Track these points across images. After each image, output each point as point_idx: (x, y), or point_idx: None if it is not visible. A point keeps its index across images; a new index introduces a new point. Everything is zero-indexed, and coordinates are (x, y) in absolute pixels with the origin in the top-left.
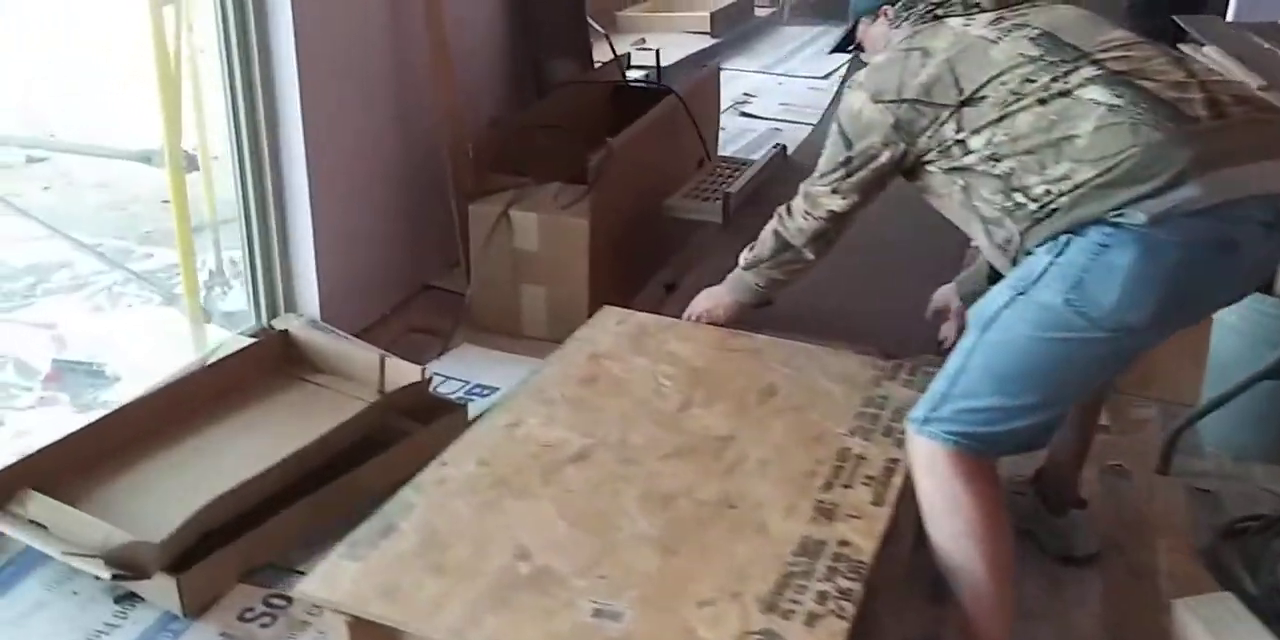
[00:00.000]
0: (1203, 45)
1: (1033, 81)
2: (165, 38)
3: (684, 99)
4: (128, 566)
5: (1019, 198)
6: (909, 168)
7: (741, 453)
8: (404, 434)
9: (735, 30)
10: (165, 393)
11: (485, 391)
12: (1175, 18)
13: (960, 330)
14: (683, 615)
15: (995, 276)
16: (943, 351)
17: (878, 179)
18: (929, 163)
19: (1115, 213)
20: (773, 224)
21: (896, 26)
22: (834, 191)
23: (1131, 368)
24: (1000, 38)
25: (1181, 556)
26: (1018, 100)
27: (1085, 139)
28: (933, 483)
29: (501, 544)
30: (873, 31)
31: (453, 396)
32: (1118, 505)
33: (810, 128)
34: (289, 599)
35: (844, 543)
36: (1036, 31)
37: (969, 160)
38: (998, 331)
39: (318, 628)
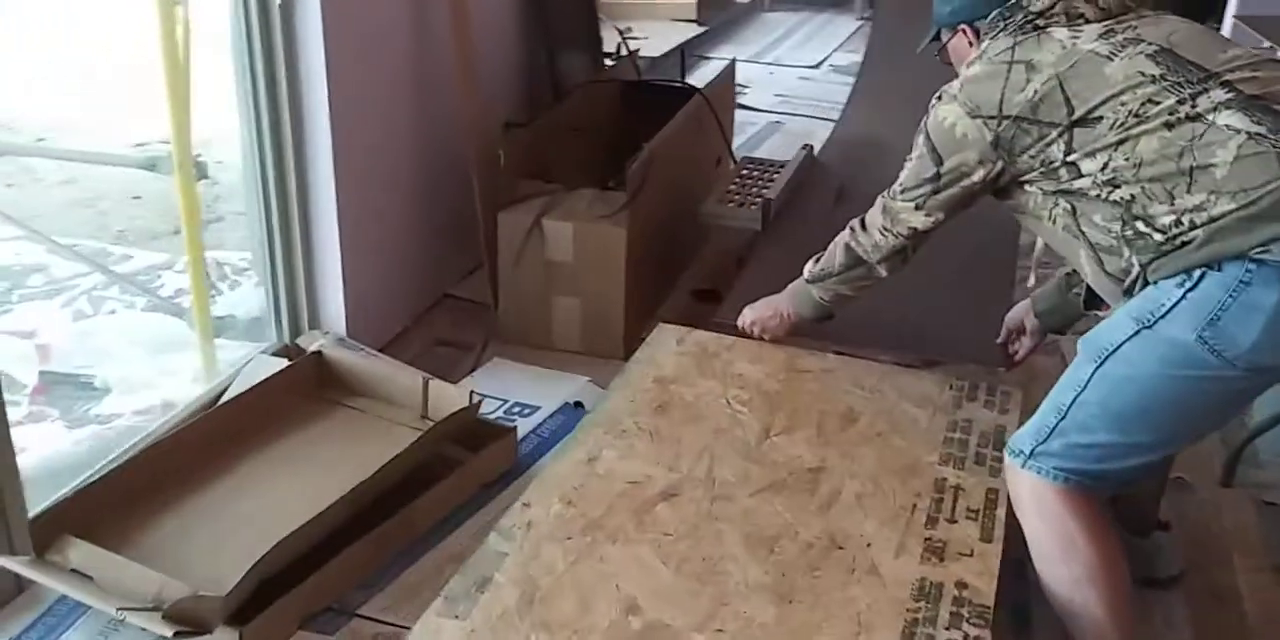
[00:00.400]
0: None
1: (1157, 103)
2: (175, 39)
3: (709, 98)
4: (189, 621)
5: (1141, 227)
6: (1002, 187)
7: (835, 486)
8: (452, 461)
9: (720, 17)
10: (200, 424)
11: (526, 411)
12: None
13: (1034, 347)
14: None
15: (1090, 302)
16: (1011, 366)
17: (967, 197)
18: (1028, 182)
19: (1260, 248)
20: (845, 238)
21: (992, 36)
22: (918, 208)
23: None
24: (1114, 53)
25: (1262, 576)
26: (1139, 123)
27: (1224, 169)
28: (1043, 524)
29: (607, 596)
30: (956, 44)
31: (492, 417)
32: (1185, 521)
33: (812, 119)
34: None
35: (961, 585)
36: (1154, 48)
37: (1081, 184)
38: (1118, 365)
39: None
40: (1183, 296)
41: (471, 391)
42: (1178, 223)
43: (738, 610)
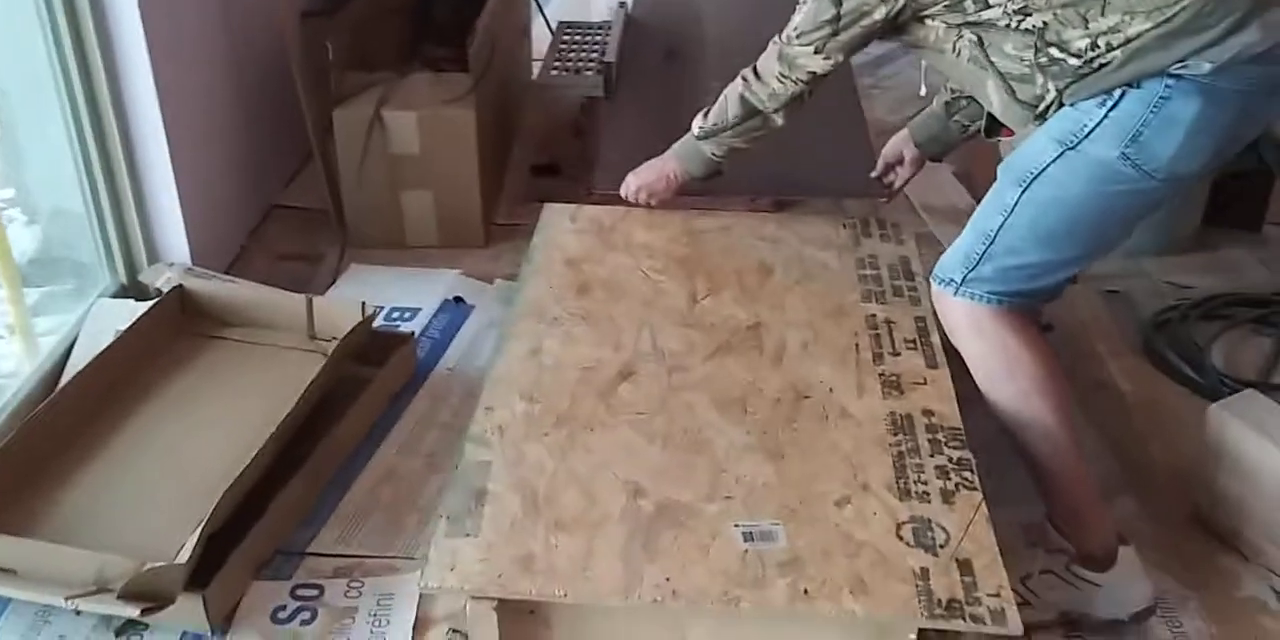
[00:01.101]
0: None
1: None
2: None
3: None
4: (148, 596)
5: (1055, 53)
6: (901, 23)
7: (779, 338)
8: (351, 378)
9: None
10: (75, 385)
11: (407, 314)
12: None
13: (911, 177)
14: (829, 520)
15: (991, 130)
16: (890, 197)
17: (867, 36)
18: (930, 16)
19: (1179, 64)
20: (737, 88)
21: None
22: (816, 52)
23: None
24: None
25: (1126, 359)
26: None
27: None
28: (984, 345)
29: (607, 484)
30: None
31: (375, 326)
32: (1045, 317)
33: None
34: (319, 586)
35: (928, 412)
36: None
37: (989, 15)
38: (1044, 187)
39: (367, 610)
40: (1105, 115)
41: (364, 303)
42: (1094, 46)
43: (737, 475)
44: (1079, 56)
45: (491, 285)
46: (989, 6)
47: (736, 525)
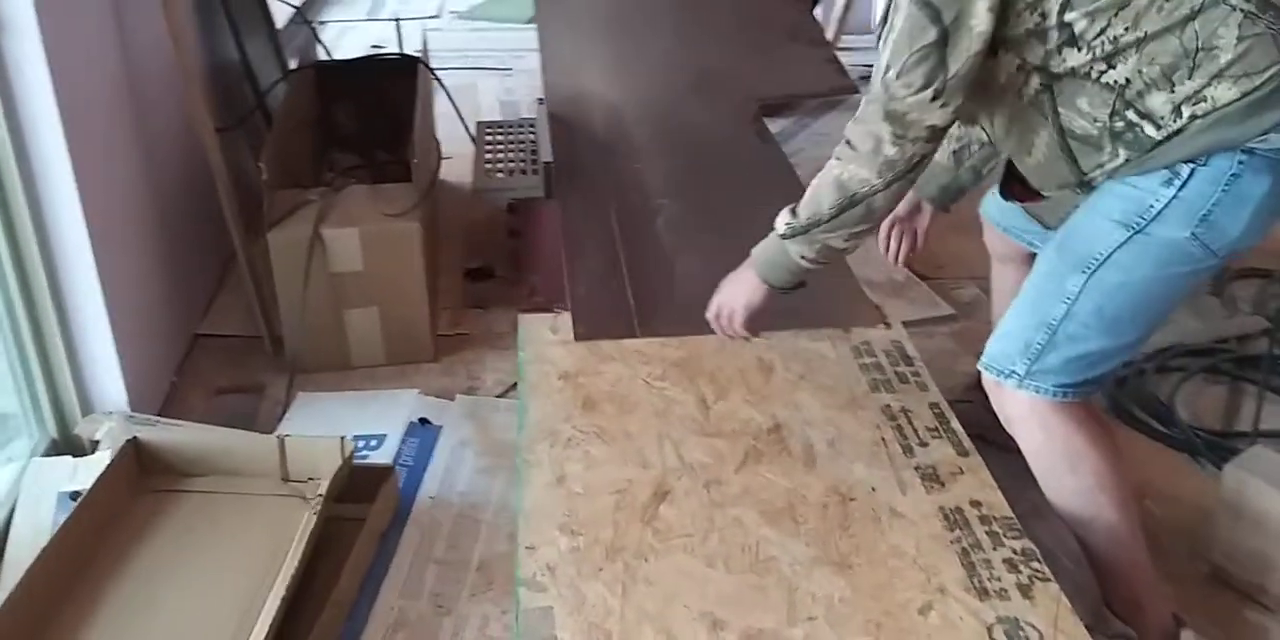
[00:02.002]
0: None
1: None
2: None
3: (429, 68)
4: None
5: (1133, 116)
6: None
7: (803, 439)
8: (340, 518)
9: None
10: (45, 567)
11: (373, 442)
12: None
13: (917, 236)
14: (919, 631)
15: (1006, 190)
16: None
17: (977, 58)
18: (1006, 47)
19: (1259, 138)
20: (831, 172)
21: None
22: (933, 97)
23: None
24: None
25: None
26: None
27: (1229, 52)
28: (1046, 438)
29: (683, 619)
30: None
31: None
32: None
33: (476, 71)
34: None
35: (975, 503)
36: None
37: (1073, 61)
38: (1111, 272)
39: None
40: (1174, 196)
41: (343, 439)
42: (1176, 112)
43: (810, 592)
44: (1158, 125)
45: (453, 402)
46: (1076, 47)
47: None
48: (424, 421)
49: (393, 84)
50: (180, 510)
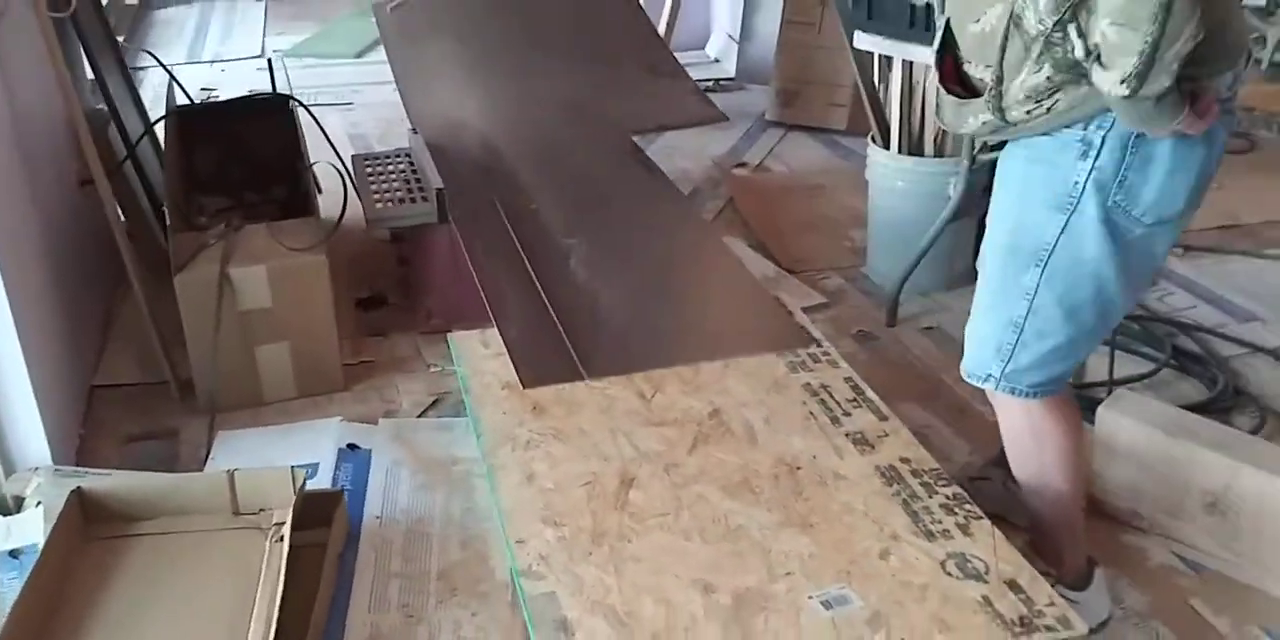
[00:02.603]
0: None
1: None
2: None
3: (303, 104)
4: None
5: (1071, 32)
6: None
7: (742, 420)
8: (296, 546)
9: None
10: (13, 629)
11: (309, 470)
12: None
13: None
14: (885, 573)
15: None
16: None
17: None
18: None
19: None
20: (1133, 11)
21: None
22: None
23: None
24: None
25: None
26: None
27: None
28: (1025, 421)
29: (678, 587)
30: None
31: None
32: (887, 363)
33: (322, 107)
34: None
35: (904, 460)
36: None
37: None
38: (1061, 259)
39: None
40: (1092, 167)
41: (292, 468)
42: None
43: (783, 551)
44: (1088, 50)
45: (377, 426)
46: None
47: (811, 597)
48: (353, 447)
49: (251, 125)
50: (135, 555)
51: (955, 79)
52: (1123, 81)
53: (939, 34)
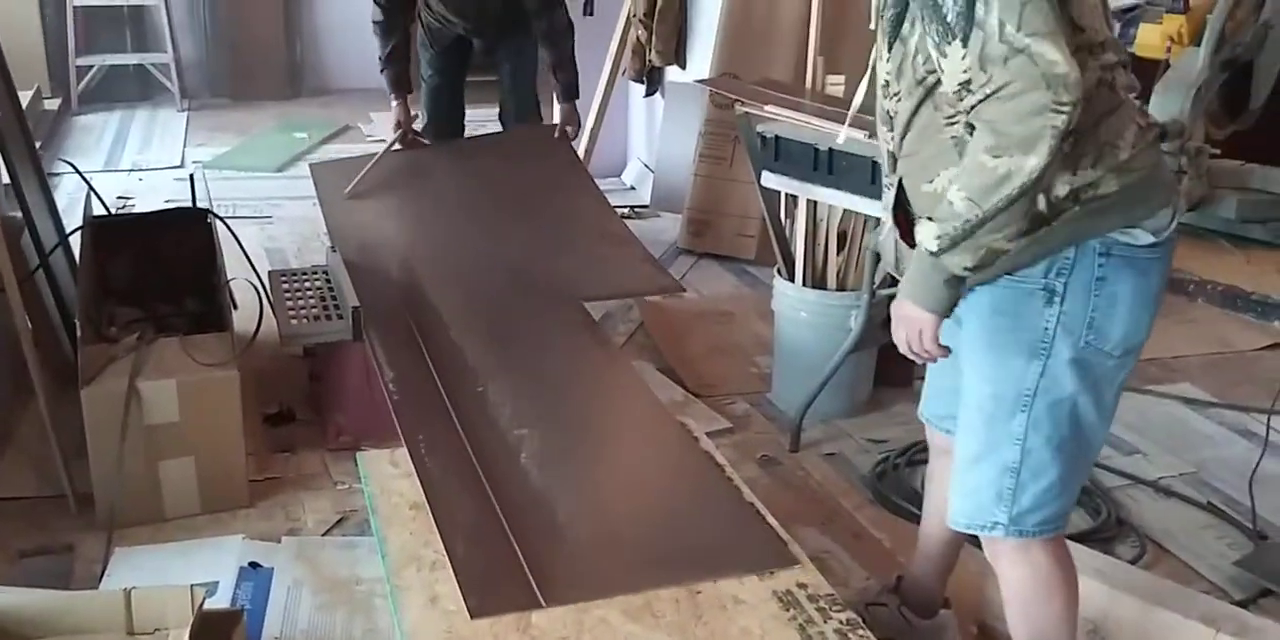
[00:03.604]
0: None
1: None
2: None
3: (223, 218)
4: None
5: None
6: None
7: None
8: None
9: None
10: None
11: (208, 589)
12: None
13: None
14: None
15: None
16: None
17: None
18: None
19: (1122, 230)
20: (982, 161)
21: None
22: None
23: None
24: None
25: (870, 510)
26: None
27: (1127, 151)
28: (1032, 575)
29: None
30: None
31: None
32: (791, 488)
33: (243, 220)
34: None
35: (801, 585)
36: None
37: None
38: (1046, 401)
39: None
40: (1060, 312)
41: (192, 586)
42: (1072, 196)
43: None
44: (1050, 203)
45: (280, 544)
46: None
47: None
48: (254, 565)
49: (167, 236)
50: None
51: (909, 233)
52: (938, 238)
53: (891, 192)
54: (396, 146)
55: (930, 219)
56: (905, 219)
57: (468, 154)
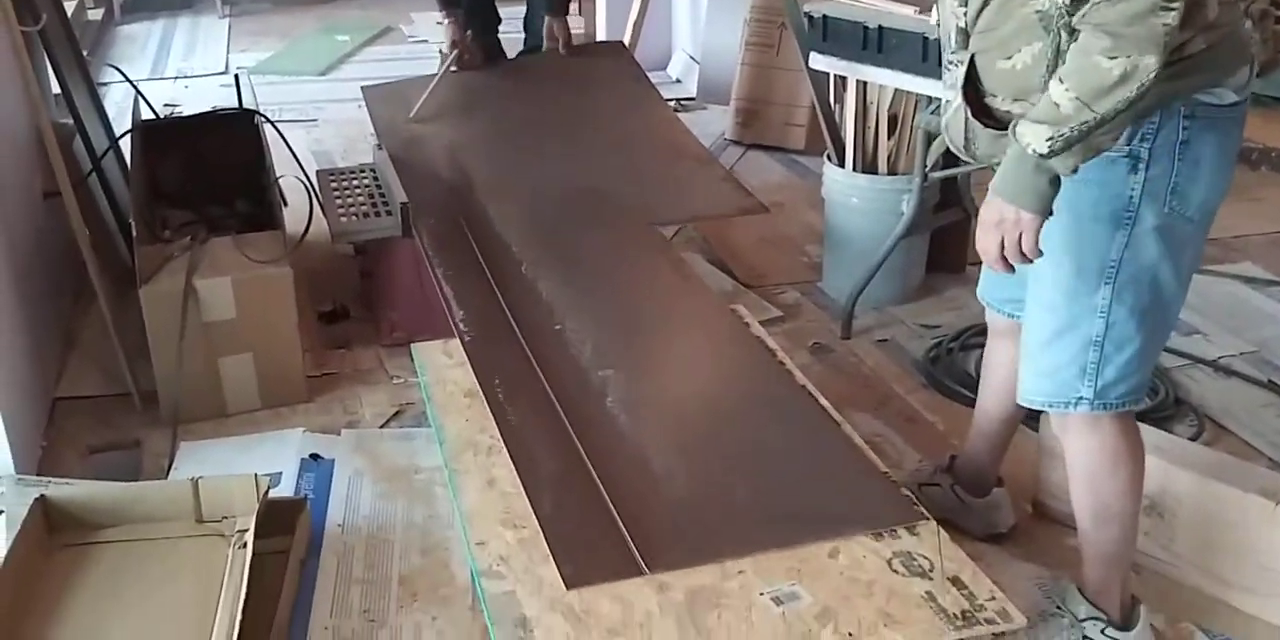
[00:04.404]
0: None
1: None
2: None
3: (270, 120)
4: None
5: None
6: None
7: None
8: (259, 552)
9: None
10: None
11: (272, 479)
12: None
13: None
14: (831, 571)
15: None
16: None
17: None
18: None
19: (1206, 89)
20: (1104, 68)
21: None
22: None
23: None
24: None
25: (922, 394)
26: None
27: (1214, 11)
28: (1100, 446)
29: (632, 586)
30: None
31: None
32: (843, 374)
33: (290, 124)
34: None
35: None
36: None
37: None
38: (1131, 270)
39: None
40: (1145, 179)
41: (256, 475)
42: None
43: None
44: None
45: (339, 436)
46: None
47: (762, 593)
48: (315, 457)
49: (215, 140)
50: (100, 562)
51: (981, 111)
52: (1049, 140)
53: (961, 69)
54: (453, 68)
55: (1028, 119)
56: (976, 96)
57: (530, 73)
